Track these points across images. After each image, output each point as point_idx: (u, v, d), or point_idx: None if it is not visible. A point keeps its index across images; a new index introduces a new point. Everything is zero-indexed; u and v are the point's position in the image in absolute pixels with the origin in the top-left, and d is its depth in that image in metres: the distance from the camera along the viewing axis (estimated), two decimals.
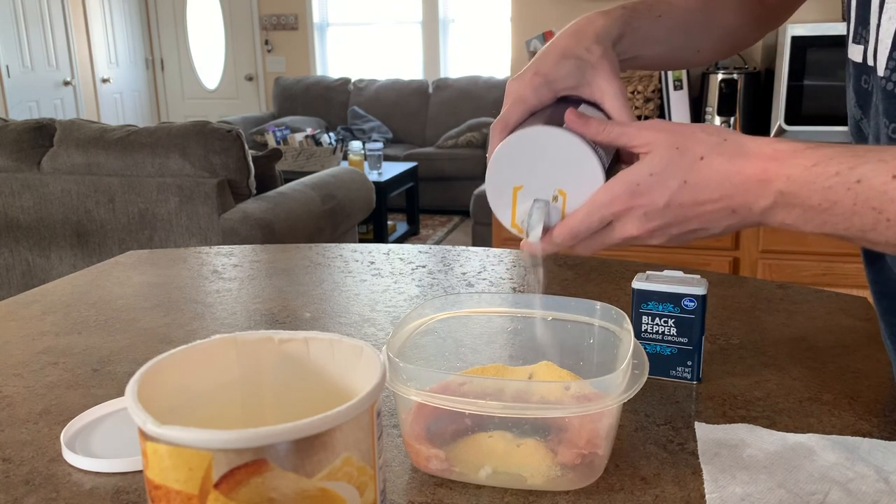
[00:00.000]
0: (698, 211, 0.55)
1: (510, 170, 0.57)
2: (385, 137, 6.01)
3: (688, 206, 0.54)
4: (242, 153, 2.55)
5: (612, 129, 0.57)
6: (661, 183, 0.54)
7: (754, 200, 0.53)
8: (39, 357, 0.76)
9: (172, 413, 0.38)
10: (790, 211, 0.52)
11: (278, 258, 1.10)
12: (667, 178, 0.54)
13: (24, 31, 5.79)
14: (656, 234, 0.56)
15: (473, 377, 0.55)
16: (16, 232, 2.73)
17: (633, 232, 0.56)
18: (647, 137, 0.55)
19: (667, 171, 0.54)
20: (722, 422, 0.60)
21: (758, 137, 0.54)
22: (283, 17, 6.70)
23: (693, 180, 0.54)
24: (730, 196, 0.54)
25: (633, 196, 0.55)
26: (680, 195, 0.54)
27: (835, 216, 0.51)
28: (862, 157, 0.50)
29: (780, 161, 0.52)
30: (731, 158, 0.53)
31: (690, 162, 0.54)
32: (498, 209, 0.58)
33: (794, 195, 0.52)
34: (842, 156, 0.50)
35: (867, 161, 0.49)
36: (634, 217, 0.55)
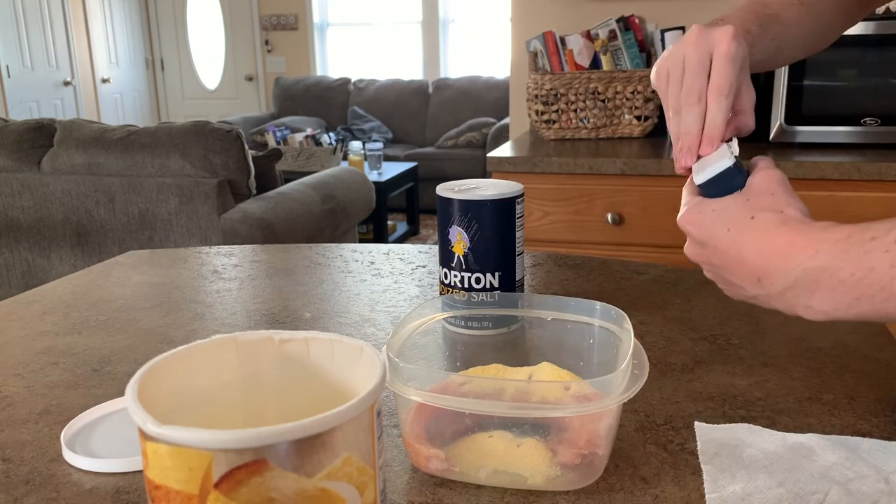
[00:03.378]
0: (730, 265, 0.55)
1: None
2: (385, 137, 6.01)
3: (722, 255, 0.55)
4: (242, 153, 2.55)
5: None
6: (714, 220, 0.56)
7: (776, 274, 0.52)
8: (39, 357, 0.76)
9: (172, 413, 0.38)
10: (815, 291, 0.50)
11: (278, 258, 1.10)
12: (718, 221, 0.56)
13: (24, 31, 5.79)
14: (702, 263, 0.58)
15: (473, 377, 0.55)
16: (16, 232, 2.73)
17: (687, 248, 0.59)
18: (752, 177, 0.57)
19: (724, 213, 0.56)
20: (722, 422, 0.60)
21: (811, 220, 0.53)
22: (283, 17, 6.70)
23: (734, 233, 0.55)
24: (756, 265, 0.53)
25: (693, 217, 0.57)
26: (719, 240, 0.55)
27: (871, 287, 0.47)
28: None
29: (808, 235, 0.51)
30: (774, 226, 0.53)
31: (743, 216, 0.55)
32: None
33: (821, 270, 0.49)
34: (878, 224, 0.48)
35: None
36: (689, 235, 0.58)
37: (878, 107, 1.89)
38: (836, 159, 1.84)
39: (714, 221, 0.56)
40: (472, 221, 0.76)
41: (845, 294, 0.49)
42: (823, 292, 0.50)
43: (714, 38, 0.59)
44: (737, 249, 0.54)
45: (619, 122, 2.26)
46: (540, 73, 2.29)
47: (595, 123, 2.26)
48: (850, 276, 0.48)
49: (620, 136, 2.27)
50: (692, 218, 0.58)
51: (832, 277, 0.49)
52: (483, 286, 0.78)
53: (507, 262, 0.77)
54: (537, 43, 2.39)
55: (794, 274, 0.51)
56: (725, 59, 0.58)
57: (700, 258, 0.58)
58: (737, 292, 0.57)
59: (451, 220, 0.77)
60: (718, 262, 0.56)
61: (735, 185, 0.57)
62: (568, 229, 2.00)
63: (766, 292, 0.53)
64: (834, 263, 0.49)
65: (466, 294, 0.72)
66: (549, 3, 2.55)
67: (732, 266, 0.55)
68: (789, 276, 0.51)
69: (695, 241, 0.58)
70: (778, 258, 0.51)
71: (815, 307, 0.51)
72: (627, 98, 2.24)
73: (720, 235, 0.55)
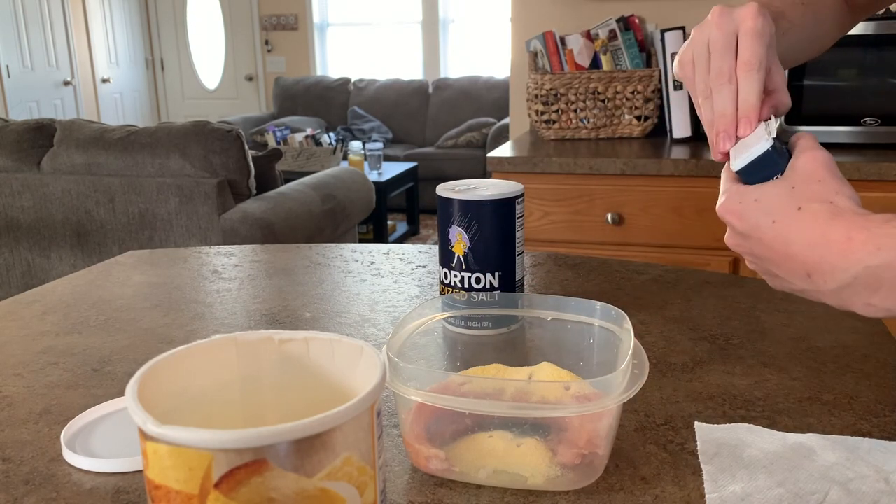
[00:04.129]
0: (776, 259, 0.52)
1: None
2: (385, 137, 6.01)
3: (766, 247, 0.53)
4: (242, 153, 2.55)
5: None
6: (757, 211, 0.53)
7: (831, 272, 0.49)
8: (39, 357, 0.76)
9: (172, 413, 0.38)
10: (878, 289, 0.47)
11: (278, 258, 1.10)
12: (763, 211, 0.52)
13: (24, 31, 5.79)
14: (744, 254, 0.55)
15: (473, 377, 0.55)
16: (16, 232, 2.73)
17: (728, 238, 0.56)
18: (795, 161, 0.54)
19: (768, 204, 0.52)
20: (722, 422, 0.60)
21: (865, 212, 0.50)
22: (283, 17, 6.70)
23: (780, 226, 0.52)
24: (807, 260, 0.50)
25: (734, 207, 0.54)
26: (763, 232, 0.52)
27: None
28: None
29: (868, 230, 0.48)
30: (826, 219, 0.49)
31: (789, 207, 0.51)
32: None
33: (885, 268, 0.46)
34: None
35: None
36: (729, 226, 0.55)
37: (878, 107, 1.89)
38: (836, 159, 1.84)
39: (757, 212, 0.53)
40: (472, 221, 0.76)
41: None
42: (886, 290, 0.47)
43: (738, 15, 0.57)
44: (783, 243, 0.51)
45: (619, 122, 2.26)
46: (540, 73, 2.29)
47: (595, 123, 2.26)
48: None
49: (620, 136, 2.27)
50: (733, 208, 0.54)
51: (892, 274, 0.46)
52: (483, 286, 0.78)
53: (507, 262, 0.78)
54: (537, 43, 2.39)
55: (853, 271, 0.48)
56: (753, 35, 0.56)
57: (742, 249, 0.55)
58: (783, 285, 0.54)
59: (451, 220, 0.77)
60: (763, 255, 0.53)
61: (776, 170, 0.54)
62: (568, 229, 2.00)
63: (817, 288, 0.51)
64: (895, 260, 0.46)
65: (466, 294, 0.72)
66: (549, 3, 2.55)
67: (779, 260, 0.52)
68: (847, 274, 0.48)
69: (736, 233, 0.55)
70: (834, 254, 0.48)
71: (877, 304, 0.48)
72: (627, 98, 2.24)
73: (764, 227, 0.52)
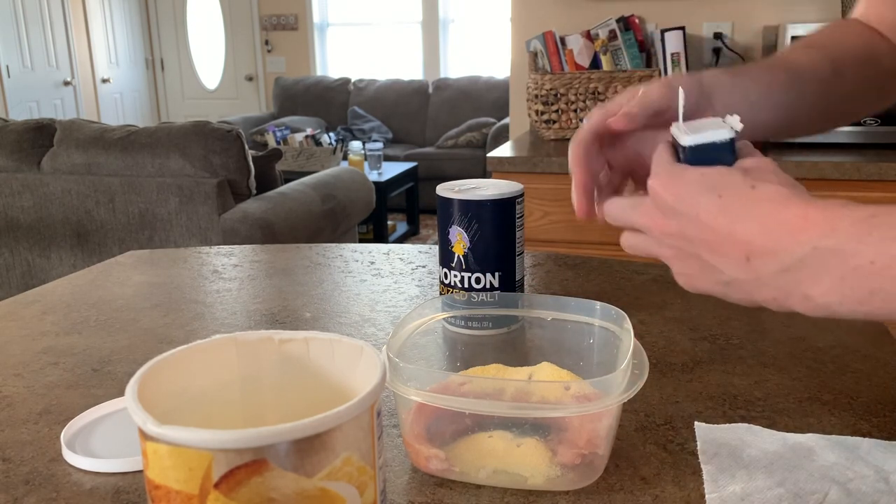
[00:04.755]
0: (712, 239, 0.46)
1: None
2: (385, 137, 6.01)
3: (703, 226, 0.46)
4: (242, 153, 2.56)
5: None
6: (701, 185, 0.47)
7: (774, 252, 0.44)
8: (39, 357, 0.76)
9: (172, 413, 0.38)
10: (821, 278, 0.42)
11: (278, 258, 1.10)
12: (708, 185, 0.47)
13: (24, 31, 5.79)
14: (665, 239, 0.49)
15: (473, 377, 0.55)
16: (16, 232, 2.73)
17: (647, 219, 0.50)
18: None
19: (715, 179, 0.47)
20: (722, 422, 0.60)
21: (825, 199, 0.45)
22: (283, 17, 6.70)
23: (728, 201, 0.46)
24: (750, 239, 0.45)
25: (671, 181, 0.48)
26: (704, 208, 0.46)
27: (894, 280, 0.40)
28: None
29: (826, 210, 0.43)
30: (782, 197, 0.45)
31: (742, 184, 0.46)
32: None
33: (835, 252, 0.41)
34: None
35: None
36: (657, 202, 0.49)
37: None
38: (836, 159, 1.84)
39: (701, 186, 0.47)
40: (472, 221, 0.76)
41: (858, 285, 0.41)
42: (831, 280, 0.42)
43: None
44: (728, 220, 0.45)
45: None
46: (540, 73, 2.29)
47: None
48: (868, 263, 0.40)
49: None
50: (668, 181, 0.49)
51: (846, 263, 0.41)
52: (483, 286, 0.78)
53: (507, 262, 0.78)
54: (537, 43, 2.39)
55: (799, 253, 0.42)
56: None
57: (667, 230, 0.49)
58: (708, 277, 0.48)
59: (451, 220, 0.77)
60: (696, 236, 0.47)
61: (726, 163, 0.50)
62: (568, 229, 2.00)
63: (754, 276, 0.45)
64: (851, 246, 0.41)
65: (466, 294, 0.73)
66: (549, 3, 2.55)
67: (716, 241, 0.46)
68: (793, 256, 0.43)
69: (665, 210, 0.49)
70: (783, 233, 0.43)
71: (816, 298, 0.43)
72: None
73: (706, 202, 0.46)
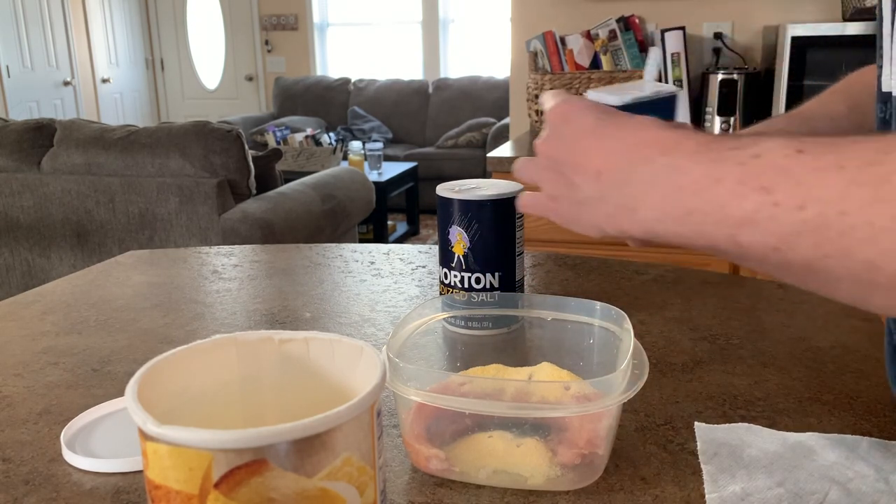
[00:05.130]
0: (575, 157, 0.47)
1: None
2: (385, 137, 6.01)
3: (570, 147, 0.48)
4: (242, 153, 2.55)
5: None
6: (586, 108, 0.48)
7: (620, 169, 0.44)
8: (39, 357, 0.76)
9: (172, 413, 0.38)
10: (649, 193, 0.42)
11: (278, 258, 1.10)
12: (592, 108, 0.48)
13: (24, 31, 5.79)
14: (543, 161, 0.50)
15: (473, 377, 0.55)
16: (16, 232, 2.73)
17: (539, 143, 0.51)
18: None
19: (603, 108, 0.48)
20: (722, 422, 0.60)
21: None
22: (283, 17, 6.70)
23: (601, 122, 0.47)
24: (607, 156, 0.45)
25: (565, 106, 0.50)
26: (578, 127, 0.48)
27: (709, 203, 0.39)
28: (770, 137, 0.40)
29: (680, 132, 0.43)
30: (654, 126, 0.45)
31: (623, 115, 0.47)
32: None
33: (667, 168, 0.41)
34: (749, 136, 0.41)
35: (774, 139, 0.39)
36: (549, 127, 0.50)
37: None
38: None
39: (586, 108, 0.48)
40: (472, 221, 0.76)
41: (678, 203, 0.41)
42: (657, 196, 0.42)
43: None
44: (595, 138, 0.46)
45: None
46: (540, 73, 2.29)
47: None
48: (691, 182, 0.40)
49: None
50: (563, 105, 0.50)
51: (673, 181, 0.41)
52: (483, 286, 0.78)
53: (507, 262, 0.78)
54: (537, 43, 2.39)
55: (639, 168, 0.43)
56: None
57: (547, 150, 0.50)
58: (568, 198, 0.49)
59: (451, 220, 0.77)
60: (563, 156, 0.48)
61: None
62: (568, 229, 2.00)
63: (599, 192, 0.46)
64: (683, 164, 0.41)
65: (466, 294, 0.73)
66: (549, 3, 2.55)
67: (577, 158, 0.47)
68: (632, 170, 0.43)
69: (552, 132, 0.50)
70: (633, 150, 0.44)
71: (640, 213, 0.43)
72: None
73: (584, 122, 0.48)
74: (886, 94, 0.55)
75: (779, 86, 2.21)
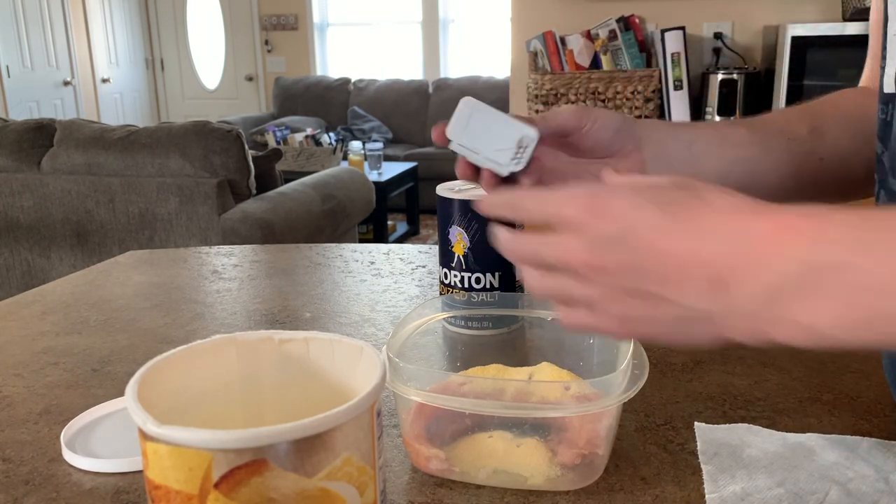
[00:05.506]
0: (664, 264, 0.37)
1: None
2: (385, 137, 6.01)
3: (648, 252, 0.37)
4: (242, 153, 2.55)
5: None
6: (637, 201, 0.38)
7: (750, 271, 0.35)
8: (39, 357, 0.76)
9: (172, 413, 0.38)
10: (818, 296, 0.34)
11: (278, 258, 1.10)
12: (643, 200, 0.38)
13: (24, 31, 5.79)
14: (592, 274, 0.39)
15: (473, 377, 0.55)
16: (16, 232, 2.73)
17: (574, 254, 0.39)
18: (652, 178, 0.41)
19: (652, 194, 0.38)
20: (722, 422, 0.60)
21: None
22: (283, 17, 6.70)
23: (676, 216, 0.37)
24: (715, 257, 0.36)
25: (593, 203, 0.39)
26: (648, 226, 0.37)
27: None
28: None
29: (810, 217, 0.35)
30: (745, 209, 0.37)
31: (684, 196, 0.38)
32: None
33: (833, 267, 0.34)
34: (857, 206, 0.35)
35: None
36: (584, 235, 0.39)
37: None
38: None
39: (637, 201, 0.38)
40: (472, 221, 0.76)
41: (859, 308, 0.33)
42: (827, 301, 0.34)
43: None
44: (678, 237, 0.37)
45: None
46: (540, 73, 2.29)
47: None
48: (876, 283, 0.33)
49: None
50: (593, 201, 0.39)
51: (843, 278, 0.33)
52: (483, 286, 0.78)
53: (507, 262, 0.77)
54: (537, 43, 2.39)
55: (785, 270, 0.34)
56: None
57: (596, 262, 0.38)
58: (657, 317, 0.39)
59: (451, 220, 0.77)
60: (640, 264, 0.37)
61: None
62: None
63: (724, 304, 0.36)
64: (850, 259, 0.33)
65: (466, 294, 0.73)
66: (549, 3, 2.55)
67: (669, 266, 0.37)
68: (777, 274, 0.35)
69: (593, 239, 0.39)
70: (760, 247, 0.35)
71: (804, 322, 0.35)
72: (628, 98, 2.24)
73: (641, 216, 0.37)
74: (889, 94, 0.55)
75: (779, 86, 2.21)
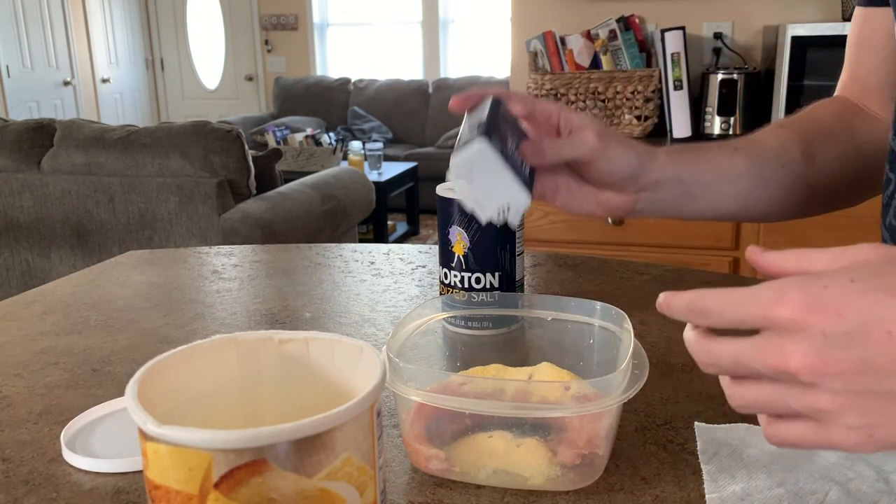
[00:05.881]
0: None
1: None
2: (385, 137, 6.01)
3: (887, 346, 0.35)
4: (242, 153, 2.56)
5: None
6: (859, 290, 0.35)
7: None
8: (39, 357, 0.76)
9: (172, 413, 0.38)
10: None
11: (278, 258, 1.10)
12: (868, 287, 0.35)
13: (24, 31, 5.80)
14: (828, 380, 0.36)
15: (473, 377, 0.55)
16: (16, 232, 2.73)
17: (796, 359, 0.36)
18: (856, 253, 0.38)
19: (866, 278, 0.36)
20: (722, 422, 0.60)
21: None
22: (283, 17, 6.70)
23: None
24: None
25: (810, 298, 0.36)
26: (885, 317, 0.35)
27: None
28: None
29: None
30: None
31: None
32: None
33: None
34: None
35: None
36: (807, 336, 0.36)
37: None
38: None
39: (861, 289, 0.35)
40: (472, 221, 0.76)
41: None
42: None
43: None
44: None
45: (620, 122, 2.26)
46: (540, 73, 2.29)
47: None
48: None
49: None
50: (811, 297, 0.36)
51: None
52: (483, 286, 0.78)
53: (507, 262, 0.78)
54: (537, 43, 2.39)
55: None
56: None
57: (835, 368, 0.35)
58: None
59: (451, 220, 0.77)
60: (884, 362, 0.35)
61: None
62: (568, 229, 2.00)
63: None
64: None
65: (466, 294, 0.73)
66: (549, 3, 2.55)
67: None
68: None
69: (825, 337, 0.36)
70: None
71: None
72: (628, 98, 2.24)
73: (885, 310, 0.35)
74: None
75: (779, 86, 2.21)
